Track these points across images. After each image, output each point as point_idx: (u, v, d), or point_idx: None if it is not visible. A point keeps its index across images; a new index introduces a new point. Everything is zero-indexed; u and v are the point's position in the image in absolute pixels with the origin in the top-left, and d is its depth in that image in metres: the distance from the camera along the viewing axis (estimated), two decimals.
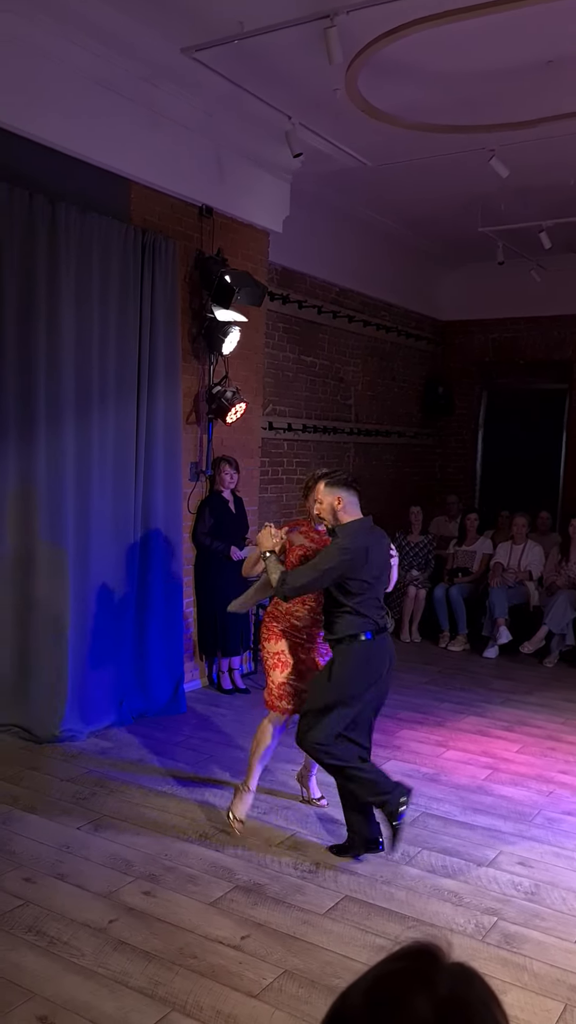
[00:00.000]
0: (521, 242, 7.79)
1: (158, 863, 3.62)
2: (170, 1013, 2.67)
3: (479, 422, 10.47)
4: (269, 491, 7.64)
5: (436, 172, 6.46)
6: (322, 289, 8.13)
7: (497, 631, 7.41)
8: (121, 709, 5.39)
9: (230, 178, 5.93)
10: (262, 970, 2.91)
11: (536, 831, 4.08)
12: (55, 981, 2.80)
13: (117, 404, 5.21)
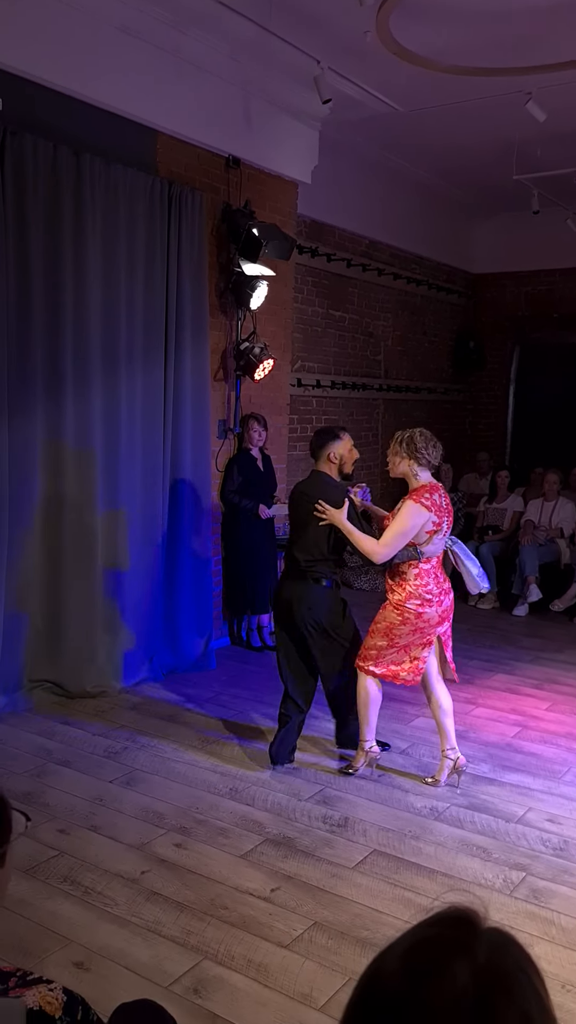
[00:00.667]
0: (557, 190, 7.55)
1: (189, 816, 3.67)
2: (202, 961, 2.73)
3: (511, 377, 10.29)
4: (298, 449, 7.59)
5: (470, 117, 6.26)
6: (351, 241, 7.98)
7: (527, 589, 7.36)
8: (151, 665, 5.45)
9: (258, 127, 5.79)
10: (292, 921, 2.96)
11: (565, 788, 4.08)
12: (90, 929, 2.87)
13: (145, 360, 5.17)
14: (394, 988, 0.72)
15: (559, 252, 9.14)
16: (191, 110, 5.24)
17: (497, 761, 4.37)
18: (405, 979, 0.72)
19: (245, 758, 4.30)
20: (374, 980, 0.75)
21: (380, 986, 0.74)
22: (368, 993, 0.75)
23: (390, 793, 3.94)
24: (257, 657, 6.05)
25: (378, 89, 5.83)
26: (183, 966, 2.70)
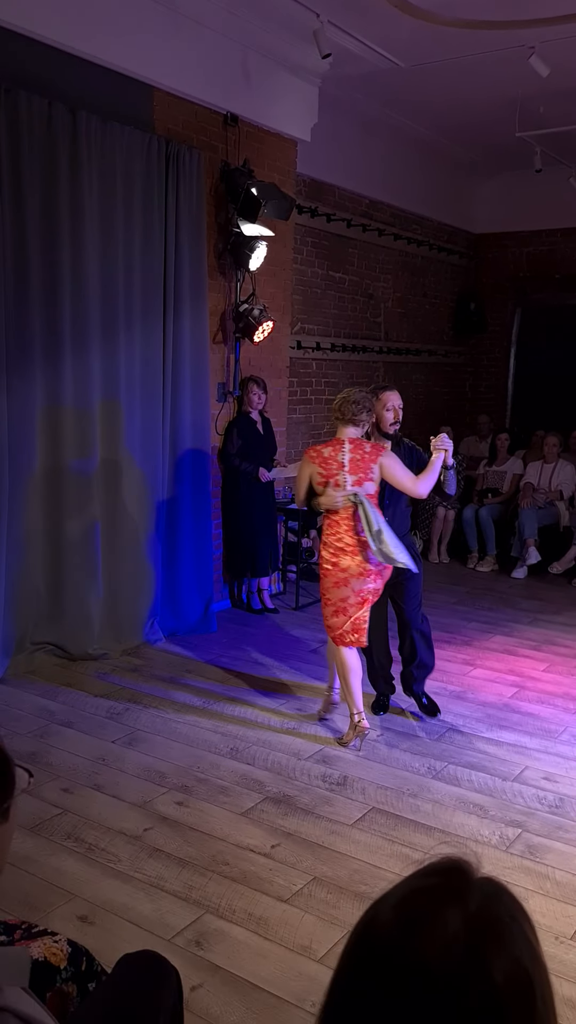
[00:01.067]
0: (560, 148, 7.43)
1: (190, 775, 3.73)
2: (204, 915, 2.79)
3: (512, 339, 10.21)
4: (298, 412, 7.57)
5: (472, 73, 6.13)
6: (351, 201, 7.87)
7: (526, 552, 7.39)
8: (152, 628, 5.49)
9: (256, 83, 5.68)
10: (292, 876, 3.02)
11: (562, 747, 4.14)
12: (94, 884, 2.93)
13: (143, 323, 5.14)
14: (387, 936, 0.74)
15: (561, 212, 9.02)
16: (188, 66, 5.14)
17: (494, 721, 4.42)
18: (398, 927, 0.74)
19: (246, 719, 4.35)
20: (368, 929, 0.77)
21: (374, 935, 0.76)
22: (362, 942, 0.77)
23: (388, 752, 4.00)
24: (257, 620, 6.09)
25: (379, 44, 5.71)
26: (185, 920, 2.76)
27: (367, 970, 0.75)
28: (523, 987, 0.72)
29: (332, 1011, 0.77)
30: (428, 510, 8.03)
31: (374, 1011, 0.72)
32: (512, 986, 0.71)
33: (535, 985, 0.72)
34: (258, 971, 2.54)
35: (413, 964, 0.71)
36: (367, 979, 0.74)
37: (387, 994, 0.72)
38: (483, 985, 0.70)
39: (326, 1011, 0.77)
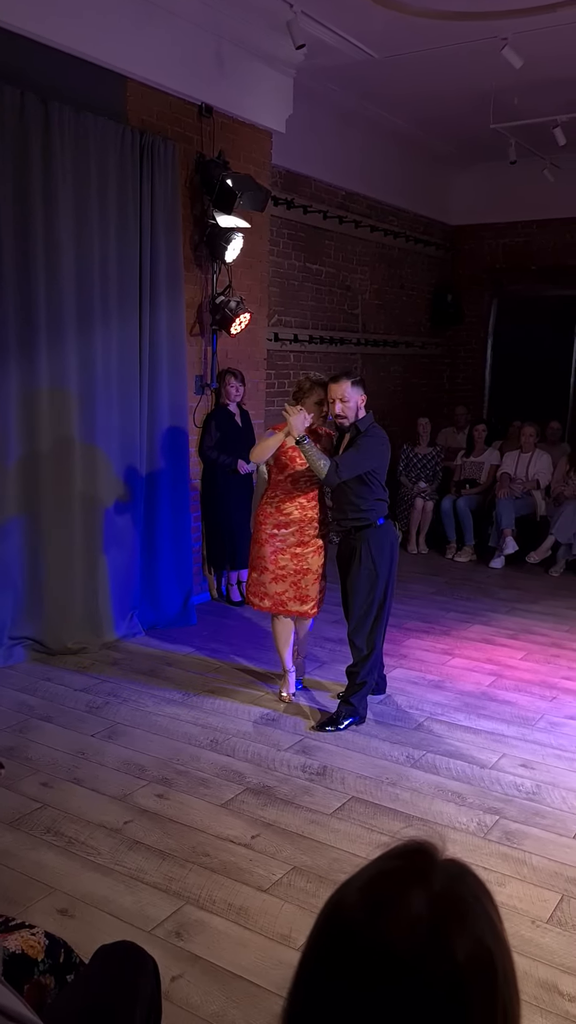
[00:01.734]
0: (534, 140, 7.46)
1: (170, 767, 3.74)
2: (184, 906, 2.80)
3: (488, 331, 10.26)
4: (276, 404, 7.56)
5: (446, 64, 6.14)
6: (327, 193, 7.86)
7: (503, 541, 7.44)
8: (132, 621, 5.48)
9: (230, 74, 5.65)
10: (272, 866, 3.04)
11: (539, 735, 4.18)
12: (74, 877, 2.93)
13: (119, 314, 5.11)
14: (353, 918, 0.75)
15: (536, 203, 9.08)
16: (161, 56, 5.11)
17: (472, 709, 4.46)
18: (363, 909, 0.75)
19: (226, 711, 4.36)
20: (334, 911, 0.78)
21: (340, 917, 0.77)
22: (329, 924, 0.78)
23: (367, 742, 4.02)
24: (237, 612, 6.10)
25: (353, 35, 5.70)
26: (165, 911, 2.77)
27: (333, 951, 0.76)
28: (485, 965, 0.73)
29: (299, 992, 0.78)
30: (407, 501, 8.07)
31: (340, 992, 0.73)
32: (474, 964, 0.72)
33: (497, 963, 0.74)
34: (238, 960, 2.56)
35: (378, 945, 0.72)
36: (333, 960, 0.75)
37: (352, 975, 0.73)
38: (446, 964, 0.71)
39: (294, 992, 0.79)
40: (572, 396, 9.65)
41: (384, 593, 4.14)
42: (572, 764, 3.88)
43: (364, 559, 4.08)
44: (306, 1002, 0.77)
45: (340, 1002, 0.73)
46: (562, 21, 5.29)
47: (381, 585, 4.11)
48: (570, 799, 3.56)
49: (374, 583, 4.09)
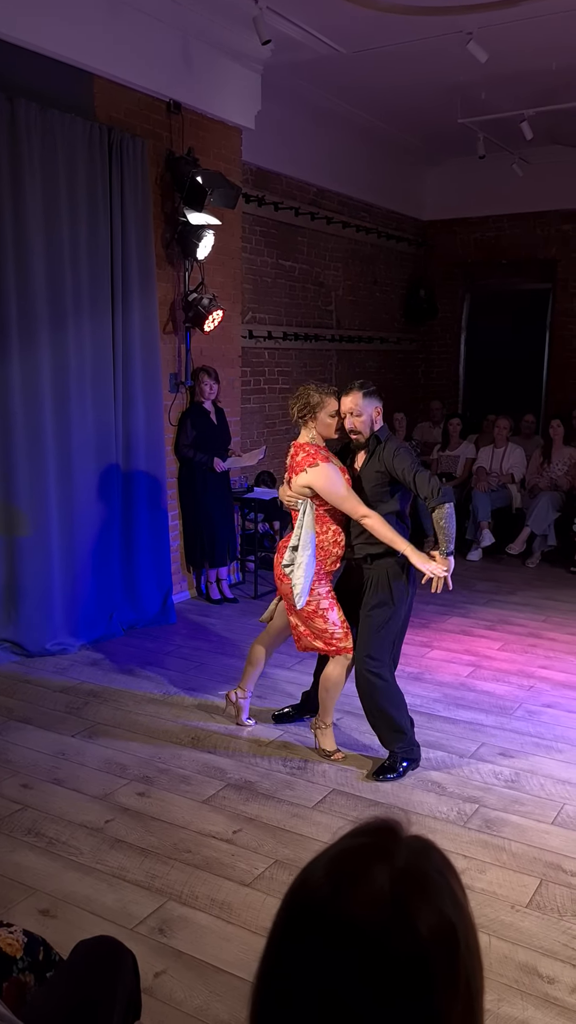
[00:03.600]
0: (502, 134, 7.51)
1: (152, 766, 3.73)
2: (167, 903, 2.80)
3: (462, 325, 10.31)
4: (252, 401, 7.57)
5: (413, 59, 6.16)
6: (299, 190, 7.87)
7: (480, 534, 7.49)
8: (111, 621, 5.47)
9: (198, 70, 5.64)
10: (254, 861, 3.04)
11: (517, 723, 4.22)
12: (55, 878, 2.93)
13: (92, 313, 5.09)
14: (318, 894, 0.76)
15: (506, 198, 9.14)
16: (127, 52, 5.09)
17: (451, 700, 4.49)
18: (328, 885, 0.76)
19: (206, 708, 4.36)
20: (300, 889, 0.79)
21: (305, 894, 0.78)
22: (295, 901, 0.79)
23: (348, 736, 4.04)
24: (217, 610, 6.10)
25: (319, 30, 5.71)
26: (148, 908, 2.77)
27: (299, 928, 0.77)
28: (447, 938, 0.74)
29: (267, 969, 0.79)
30: None
31: (306, 967, 0.74)
32: (437, 937, 0.73)
33: (459, 935, 0.75)
34: (221, 955, 2.56)
35: (342, 920, 0.73)
36: (299, 937, 0.76)
37: (317, 950, 0.74)
38: (408, 937, 0.72)
39: (262, 969, 0.79)
40: (545, 389, 9.73)
41: (399, 627, 3.67)
42: (550, 751, 3.92)
43: (380, 587, 3.61)
44: (273, 978, 0.78)
45: (306, 977, 0.74)
46: (524, 15, 5.33)
47: (396, 617, 3.63)
48: (548, 786, 3.60)
49: (389, 615, 3.60)
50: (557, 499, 7.41)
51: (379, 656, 3.60)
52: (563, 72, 6.27)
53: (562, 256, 9.31)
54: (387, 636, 3.61)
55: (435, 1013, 0.72)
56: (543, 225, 9.32)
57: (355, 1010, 0.71)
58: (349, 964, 0.72)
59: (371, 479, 3.61)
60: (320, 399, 3.64)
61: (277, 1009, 0.76)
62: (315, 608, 3.67)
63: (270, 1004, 0.77)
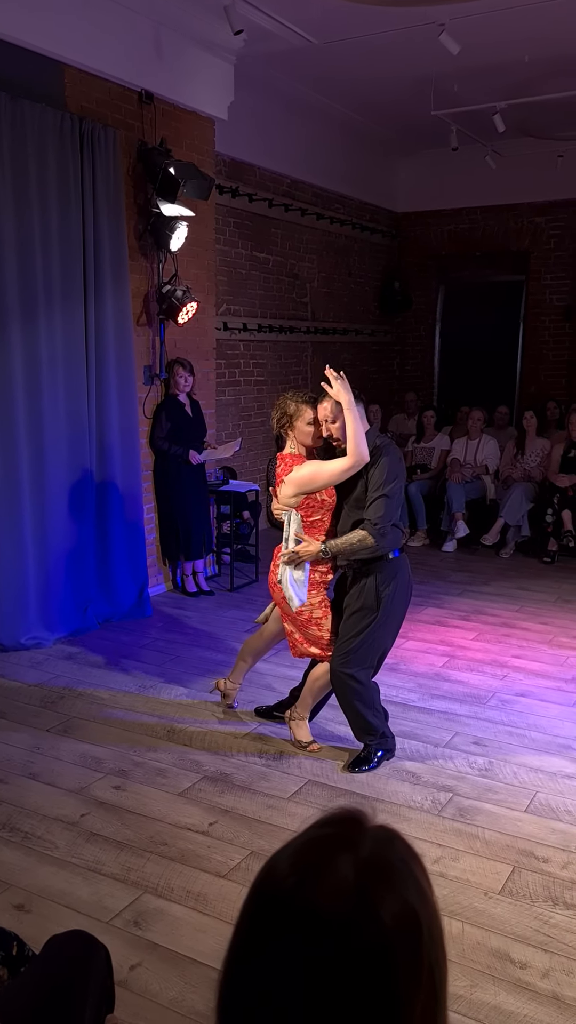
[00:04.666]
0: (475, 126, 7.53)
1: (127, 759, 3.73)
2: (142, 895, 2.81)
3: (436, 317, 10.35)
4: (227, 394, 7.56)
5: (386, 50, 6.16)
6: (273, 181, 7.85)
7: (455, 525, 7.54)
8: (86, 615, 5.44)
9: (170, 60, 5.60)
10: (230, 852, 3.05)
11: (490, 712, 4.26)
12: (30, 872, 2.92)
13: (64, 305, 5.05)
14: (283, 885, 0.77)
15: (479, 190, 9.17)
16: (99, 42, 5.04)
17: (426, 690, 4.53)
18: (293, 875, 0.77)
19: (182, 700, 4.36)
20: (266, 880, 0.80)
21: (270, 885, 0.79)
22: (260, 892, 0.80)
23: (323, 727, 4.06)
24: (193, 602, 6.09)
25: (291, 20, 5.68)
26: (123, 901, 2.78)
27: (264, 920, 0.78)
28: (410, 927, 0.75)
29: (232, 961, 0.80)
30: None
31: (271, 959, 0.75)
32: (400, 926, 0.74)
33: (422, 924, 0.76)
34: (197, 946, 2.57)
35: (306, 910, 0.74)
36: (264, 928, 0.77)
37: (283, 941, 0.74)
38: (372, 926, 0.73)
39: (228, 962, 0.80)
40: (519, 381, 9.80)
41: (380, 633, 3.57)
42: (523, 740, 3.96)
43: (366, 593, 3.53)
44: (239, 968, 0.78)
45: (271, 967, 0.74)
46: (496, 6, 5.34)
47: (378, 624, 3.53)
48: (521, 774, 3.64)
49: (370, 620, 3.53)
50: (530, 490, 7.47)
51: (355, 659, 3.57)
52: (535, 64, 6.30)
53: (534, 248, 9.37)
54: (366, 640, 3.55)
55: (398, 1001, 0.73)
56: (516, 217, 9.37)
57: (319, 999, 0.72)
58: (314, 954, 0.72)
59: (353, 487, 3.52)
60: (296, 408, 3.57)
61: (243, 999, 0.77)
62: (309, 616, 3.67)
63: (236, 994, 0.78)
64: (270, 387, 8.12)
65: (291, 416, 3.59)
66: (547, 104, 7.01)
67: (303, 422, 3.58)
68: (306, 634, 3.72)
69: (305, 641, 3.74)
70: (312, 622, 3.67)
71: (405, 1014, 0.72)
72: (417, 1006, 0.74)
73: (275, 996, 0.73)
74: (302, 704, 3.88)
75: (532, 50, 6.10)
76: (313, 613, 3.66)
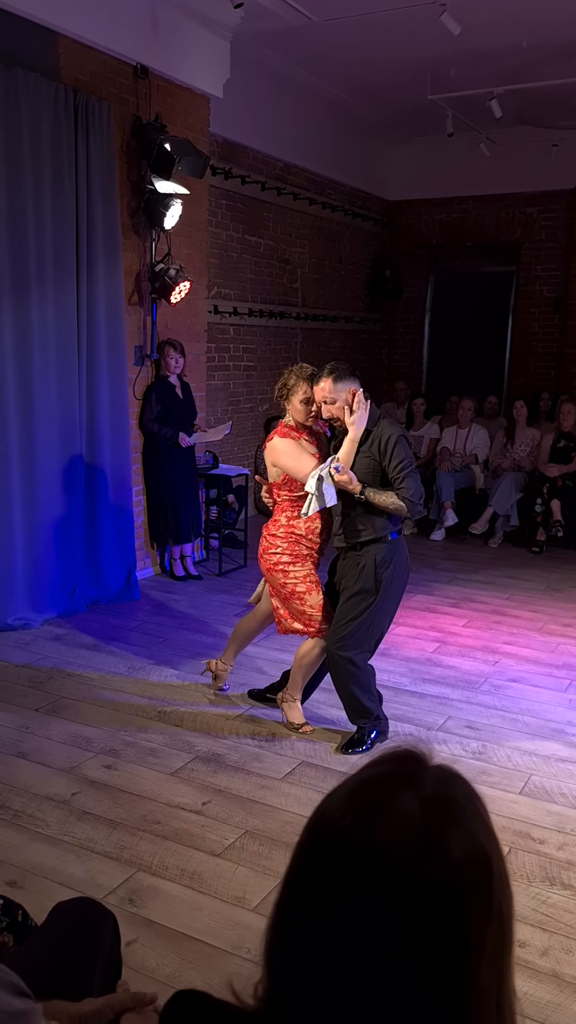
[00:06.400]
0: (471, 112, 7.49)
1: (118, 739, 3.68)
2: (136, 873, 2.76)
3: (426, 306, 10.33)
4: (216, 378, 7.49)
5: (385, 29, 6.09)
6: (266, 164, 7.78)
7: (444, 514, 7.52)
8: (74, 597, 5.38)
9: (166, 34, 5.52)
10: (224, 831, 3.02)
11: (483, 697, 4.25)
12: (21, 850, 2.86)
13: (56, 283, 4.97)
14: (341, 826, 0.73)
15: (472, 179, 9.14)
16: (94, 12, 4.94)
17: (417, 675, 4.51)
18: (351, 815, 0.73)
19: (173, 682, 4.31)
20: (320, 822, 0.76)
21: (326, 827, 0.75)
22: (315, 835, 0.76)
23: (316, 709, 4.02)
24: (181, 586, 6.04)
25: None
26: (117, 879, 2.73)
27: (321, 863, 0.74)
28: (481, 865, 0.72)
29: (287, 909, 0.76)
30: None
31: (332, 902, 0.71)
32: (470, 863, 0.71)
33: (492, 862, 0.73)
34: (192, 923, 2.53)
35: (368, 850, 0.70)
36: (321, 872, 0.73)
37: (344, 883, 0.71)
38: (442, 863, 0.69)
39: (281, 909, 0.76)
40: (508, 371, 9.80)
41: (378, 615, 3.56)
42: (516, 724, 3.95)
43: (365, 576, 3.50)
44: (296, 915, 0.74)
45: (333, 912, 0.71)
46: None
47: (376, 607, 3.52)
48: (515, 757, 3.63)
49: (369, 603, 3.51)
50: (520, 480, 7.47)
51: (352, 642, 3.54)
52: (532, 50, 6.27)
53: (526, 239, 9.36)
54: (364, 624, 3.53)
55: (469, 939, 0.69)
56: (508, 207, 9.35)
57: (387, 942, 0.68)
58: (378, 897, 0.68)
59: (364, 466, 3.49)
60: (296, 383, 3.58)
61: (302, 945, 0.72)
62: (292, 590, 3.66)
63: (293, 941, 0.74)
64: (259, 373, 8.06)
65: (290, 389, 3.60)
66: (544, 91, 6.98)
67: (297, 398, 3.59)
68: (289, 608, 3.70)
69: (289, 616, 3.73)
70: (295, 596, 3.65)
71: (475, 951, 0.69)
72: (487, 943, 0.70)
73: (339, 940, 0.69)
74: (292, 685, 3.85)
75: (530, 35, 6.07)
76: (296, 588, 3.64)
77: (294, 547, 3.64)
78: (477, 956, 0.69)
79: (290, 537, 3.65)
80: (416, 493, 3.44)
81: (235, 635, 4.14)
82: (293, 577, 3.64)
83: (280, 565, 3.64)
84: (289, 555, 3.64)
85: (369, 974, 0.68)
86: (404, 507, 3.43)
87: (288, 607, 3.71)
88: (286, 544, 3.64)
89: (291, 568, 3.63)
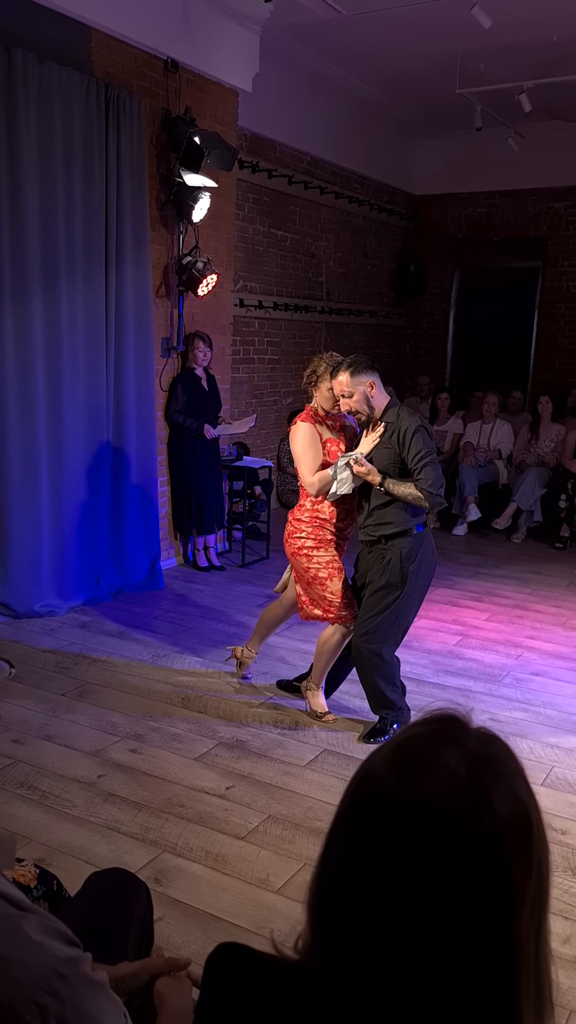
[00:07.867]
0: (499, 107, 7.46)
1: (143, 724, 3.73)
2: (162, 854, 2.81)
3: (451, 302, 10.30)
4: (241, 371, 7.53)
5: (416, 23, 6.09)
6: (292, 158, 7.79)
7: (466, 509, 7.52)
8: (98, 586, 5.44)
9: (196, 29, 5.55)
10: (247, 816, 3.06)
11: (505, 690, 4.26)
12: (49, 829, 2.92)
13: (85, 274, 5.02)
14: (386, 781, 0.76)
15: (499, 174, 9.10)
16: (126, 6, 4.98)
17: (440, 667, 4.52)
18: (396, 771, 0.76)
19: (197, 670, 4.36)
20: (365, 779, 0.79)
21: (371, 784, 0.78)
22: (360, 791, 0.79)
23: (339, 698, 4.05)
24: (204, 577, 6.08)
25: None
26: (143, 859, 2.78)
27: (368, 817, 0.76)
28: (522, 818, 0.74)
29: (331, 861, 0.79)
30: None
31: (376, 856, 0.74)
32: (512, 817, 0.73)
33: (532, 818, 0.75)
34: (217, 903, 2.58)
35: (414, 804, 0.73)
36: (367, 827, 0.76)
37: (389, 838, 0.73)
38: (487, 817, 0.72)
39: (324, 861, 0.79)
40: (532, 366, 9.76)
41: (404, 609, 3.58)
42: (538, 717, 3.96)
43: (391, 570, 3.51)
44: (341, 868, 0.77)
45: (378, 864, 0.73)
46: None
47: (402, 601, 3.53)
48: (537, 749, 3.64)
49: (395, 597, 3.52)
50: (544, 475, 7.45)
51: (379, 635, 3.57)
52: (563, 44, 6.24)
53: (552, 234, 9.31)
54: (390, 617, 3.55)
55: (511, 892, 0.72)
56: (535, 202, 9.30)
57: (431, 892, 0.71)
58: (423, 847, 0.71)
59: (384, 457, 3.51)
60: (324, 371, 3.64)
61: (344, 898, 0.75)
62: (315, 575, 3.70)
63: (336, 894, 0.77)
64: (283, 367, 8.09)
65: (318, 376, 3.68)
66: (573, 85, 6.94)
67: (326, 385, 3.66)
68: (310, 593, 3.76)
69: (309, 602, 3.78)
70: (317, 581, 3.70)
71: (517, 902, 0.72)
72: (527, 898, 0.73)
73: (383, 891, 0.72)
74: (315, 672, 3.89)
75: (560, 30, 6.03)
76: (319, 573, 3.69)
77: (319, 531, 3.69)
78: (518, 906, 0.72)
79: (315, 521, 3.70)
80: (435, 483, 3.44)
81: (261, 623, 4.19)
82: (316, 562, 3.69)
83: (304, 550, 3.69)
84: (314, 540, 3.69)
85: (412, 924, 0.71)
86: (423, 500, 3.44)
87: (310, 592, 3.76)
88: (311, 528, 3.70)
89: (315, 553, 3.69)
